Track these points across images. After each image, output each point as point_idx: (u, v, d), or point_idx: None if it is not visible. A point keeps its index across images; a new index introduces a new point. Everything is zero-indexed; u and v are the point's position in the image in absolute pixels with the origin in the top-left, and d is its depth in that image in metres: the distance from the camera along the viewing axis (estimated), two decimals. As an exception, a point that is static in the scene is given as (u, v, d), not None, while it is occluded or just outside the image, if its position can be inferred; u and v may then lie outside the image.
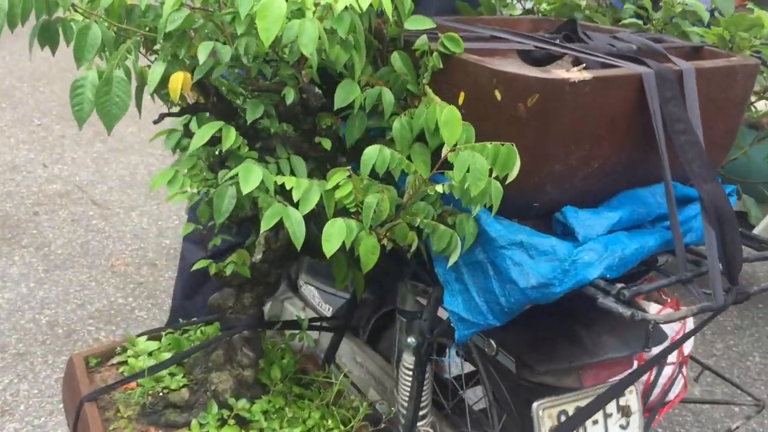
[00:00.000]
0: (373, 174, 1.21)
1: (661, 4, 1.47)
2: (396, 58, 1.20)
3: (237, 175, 1.03)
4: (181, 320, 1.66)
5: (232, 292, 1.42)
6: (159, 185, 1.12)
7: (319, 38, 0.99)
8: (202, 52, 1.00)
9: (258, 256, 1.35)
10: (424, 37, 1.18)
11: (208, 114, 1.17)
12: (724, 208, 1.08)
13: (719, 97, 1.22)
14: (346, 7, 1.02)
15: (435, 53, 1.15)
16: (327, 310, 1.93)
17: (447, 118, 1.01)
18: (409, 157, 1.16)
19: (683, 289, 1.16)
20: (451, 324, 1.22)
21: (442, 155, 1.06)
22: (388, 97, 1.16)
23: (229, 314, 1.41)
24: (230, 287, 1.40)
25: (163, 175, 1.12)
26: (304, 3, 1.01)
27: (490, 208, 1.09)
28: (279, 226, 1.30)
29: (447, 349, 1.62)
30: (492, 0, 1.67)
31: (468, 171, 0.99)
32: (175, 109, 1.22)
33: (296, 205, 1.07)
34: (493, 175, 1.03)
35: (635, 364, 1.36)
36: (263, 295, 1.41)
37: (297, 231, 1.06)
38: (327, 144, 1.19)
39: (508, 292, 1.12)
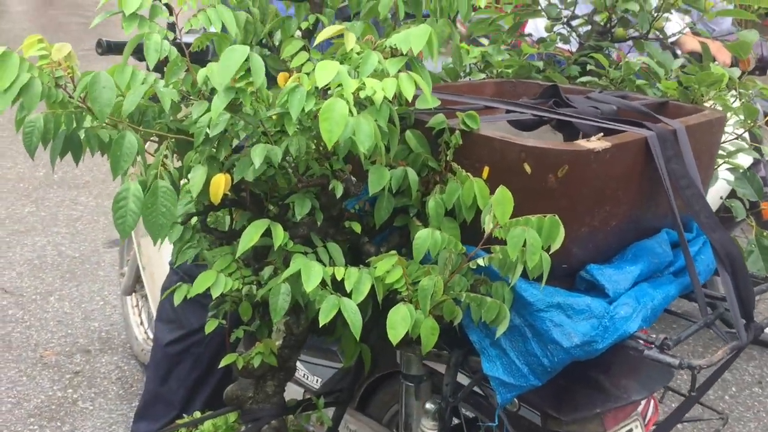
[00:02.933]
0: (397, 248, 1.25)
1: (621, 64, 1.60)
2: (411, 138, 1.25)
3: (291, 271, 1.04)
4: (176, 414, 1.61)
5: (250, 381, 1.39)
6: (200, 290, 1.10)
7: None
8: (257, 157, 1.00)
9: (278, 342, 1.34)
10: (441, 115, 1.23)
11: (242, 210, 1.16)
12: (734, 253, 1.19)
13: (700, 149, 1.35)
14: (384, 98, 1.06)
15: (456, 132, 1.20)
16: (315, 382, 1.91)
17: (499, 198, 1.06)
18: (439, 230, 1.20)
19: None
20: (489, 387, 1.25)
21: (486, 231, 1.11)
22: (413, 177, 1.20)
23: (249, 404, 1.38)
24: (251, 377, 1.37)
25: (204, 279, 1.10)
26: (348, 97, 1.03)
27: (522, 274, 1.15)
28: (300, 310, 1.31)
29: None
30: (455, 65, 1.74)
31: (524, 246, 1.04)
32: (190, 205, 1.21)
33: (347, 294, 1.08)
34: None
35: (644, 401, 1.44)
36: (284, 381, 1.39)
37: (355, 321, 1.07)
38: (357, 227, 1.21)
39: (551, 352, 1.18)
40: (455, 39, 1.62)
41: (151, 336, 2.77)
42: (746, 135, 1.64)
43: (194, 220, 1.27)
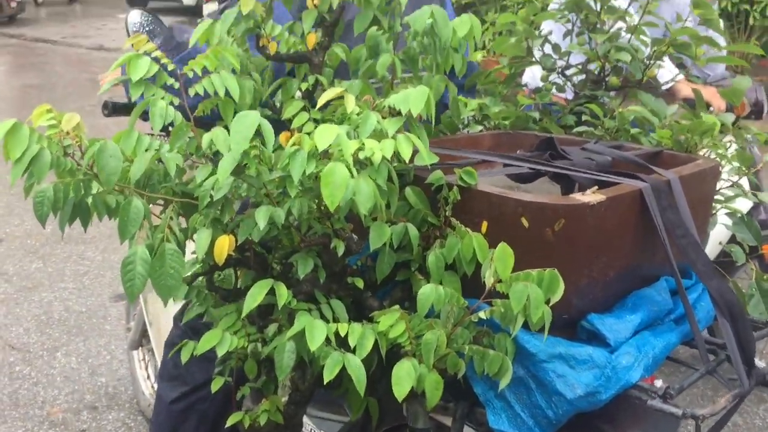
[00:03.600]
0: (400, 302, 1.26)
1: (615, 114, 1.63)
2: (410, 194, 1.28)
3: (296, 330, 1.05)
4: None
5: (256, 438, 1.39)
6: (206, 349, 1.12)
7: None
8: (261, 219, 1.03)
9: (284, 398, 1.35)
10: (439, 172, 1.26)
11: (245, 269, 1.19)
12: (732, 300, 1.21)
13: (695, 198, 1.37)
14: (383, 158, 1.09)
15: (455, 188, 1.23)
16: (322, 436, 1.91)
17: (500, 254, 1.08)
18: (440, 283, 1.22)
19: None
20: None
21: (488, 285, 1.13)
22: (414, 232, 1.22)
23: (256, 463, 1.38)
24: (256, 435, 1.37)
25: (209, 338, 1.12)
26: (347, 159, 1.06)
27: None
28: (305, 366, 1.32)
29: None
30: (452, 118, 1.78)
31: (528, 301, 1.06)
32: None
33: (352, 350, 1.09)
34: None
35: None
36: (291, 437, 1.39)
37: (359, 377, 1.08)
38: (360, 283, 1.23)
39: (555, 404, 1.18)
40: (452, 92, 1.66)
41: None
42: (745, 180, 1.67)
43: (200, 278, 1.29)
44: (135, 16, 2.06)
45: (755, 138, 1.92)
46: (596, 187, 1.20)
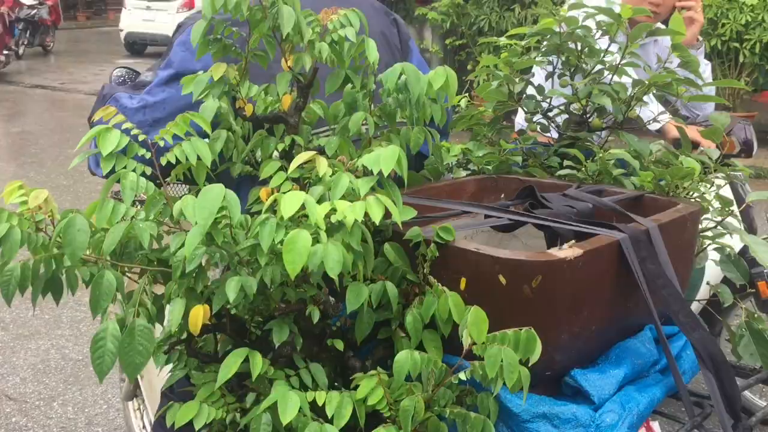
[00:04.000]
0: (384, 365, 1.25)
1: (597, 158, 1.63)
2: (389, 251, 1.27)
3: (269, 402, 1.04)
4: None
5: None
6: (184, 421, 1.10)
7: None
8: (231, 291, 1.02)
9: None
10: (417, 228, 1.25)
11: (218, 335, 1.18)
12: (716, 352, 1.19)
13: (675, 245, 1.36)
14: (356, 220, 1.08)
15: (432, 245, 1.22)
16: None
17: (474, 318, 1.07)
18: (421, 344, 1.21)
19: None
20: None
21: (465, 346, 1.11)
22: (393, 291, 1.21)
23: None
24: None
25: (186, 410, 1.10)
26: (318, 223, 1.06)
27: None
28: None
29: None
30: (436, 164, 1.78)
31: (501, 365, 1.04)
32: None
33: (329, 420, 1.08)
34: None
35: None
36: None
37: (338, 446, 1.06)
38: (340, 345, 1.22)
39: (540, 463, 1.16)
40: (435, 138, 1.66)
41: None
42: (733, 219, 1.65)
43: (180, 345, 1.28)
44: (118, 72, 2.09)
45: (744, 175, 1.91)
46: (573, 241, 1.19)
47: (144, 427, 2.82)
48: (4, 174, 7.11)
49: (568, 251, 1.16)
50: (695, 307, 2.41)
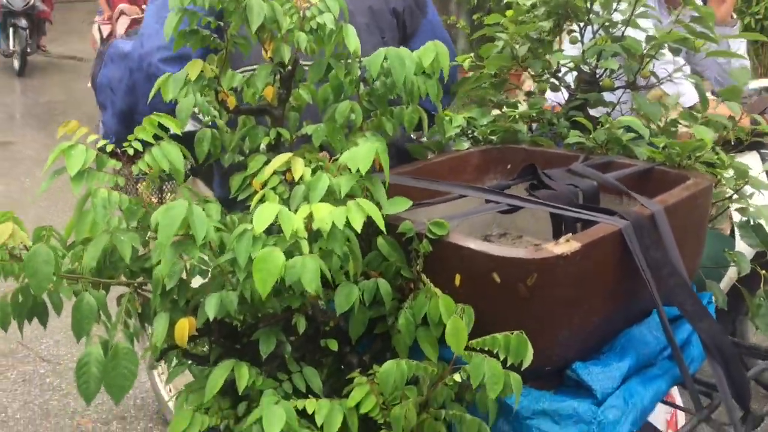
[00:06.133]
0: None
1: (606, 126, 1.55)
2: (383, 245, 1.22)
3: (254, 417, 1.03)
4: None
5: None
6: (179, 431, 1.10)
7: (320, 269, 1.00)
8: (211, 310, 0.99)
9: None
10: (409, 222, 1.21)
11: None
12: (724, 342, 1.14)
13: (685, 224, 1.30)
14: (334, 224, 1.04)
15: (425, 240, 1.18)
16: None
17: (452, 329, 1.04)
18: (415, 342, 1.18)
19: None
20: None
21: (454, 354, 1.08)
22: (386, 287, 1.18)
23: None
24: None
25: (180, 420, 1.10)
26: (297, 233, 1.02)
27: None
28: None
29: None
30: (439, 137, 1.71)
31: (484, 377, 1.01)
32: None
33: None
34: (509, 363, 1.06)
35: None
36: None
37: (330, 456, 1.05)
38: (333, 345, 1.20)
39: (542, 461, 1.14)
40: (438, 110, 1.59)
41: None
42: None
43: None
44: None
45: None
46: (570, 235, 1.13)
47: (171, 390, 2.88)
48: (35, 142, 7.20)
49: (564, 246, 1.11)
50: (726, 282, 2.33)
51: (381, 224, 1.08)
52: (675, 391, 1.70)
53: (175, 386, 2.83)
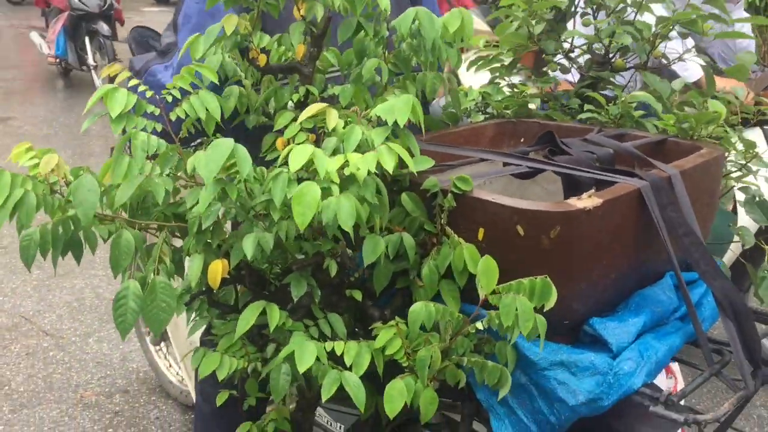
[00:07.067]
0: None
1: (618, 101, 1.59)
2: (407, 201, 1.26)
3: (287, 352, 1.06)
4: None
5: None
6: (207, 372, 1.13)
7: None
8: (249, 248, 1.03)
9: (292, 406, 1.37)
10: (434, 179, 1.24)
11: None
12: (737, 300, 1.18)
13: (699, 189, 1.34)
14: (369, 172, 1.08)
15: (449, 195, 1.21)
16: (339, 428, 1.94)
17: (484, 268, 1.07)
18: (438, 294, 1.22)
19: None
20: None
21: (481, 297, 1.12)
22: (410, 242, 1.21)
23: (269, 467, 1.41)
24: (268, 441, 1.39)
25: (209, 362, 1.13)
26: (330, 175, 1.05)
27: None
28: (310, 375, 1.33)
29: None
30: (455, 110, 1.75)
31: (516, 314, 1.05)
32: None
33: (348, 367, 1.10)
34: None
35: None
36: (301, 442, 1.42)
37: (358, 395, 1.08)
38: (358, 295, 1.23)
39: (558, 410, 1.18)
40: (452, 83, 1.63)
41: (184, 376, 2.83)
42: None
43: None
44: (136, 34, 2.07)
45: None
46: (593, 190, 1.17)
47: (170, 365, 2.91)
48: (35, 118, 7.19)
49: (587, 201, 1.15)
50: (729, 257, 2.37)
51: (413, 168, 1.11)
52: (675, 366, 1.74)
53: (174, 358, 2.86)
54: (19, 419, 2.83)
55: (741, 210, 1.94)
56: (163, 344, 2.92)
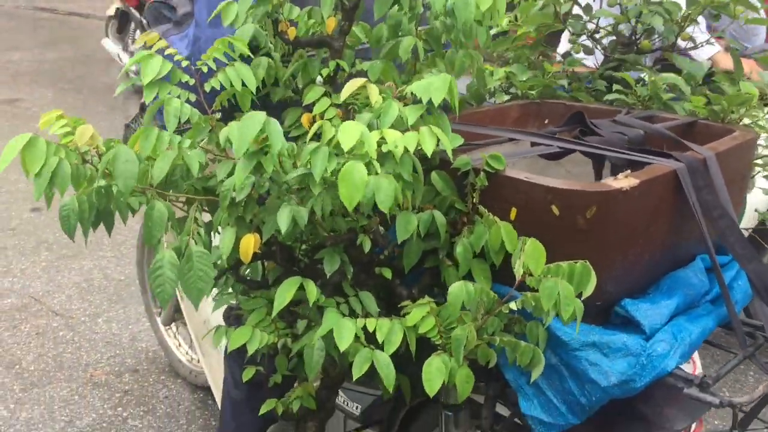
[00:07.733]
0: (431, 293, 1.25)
1: (647, 82, 1.57)
2: (437, 180, 1.24)
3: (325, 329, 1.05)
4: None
5: (291, 422, 1.41)
6: (238, 345, 1.12)
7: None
8: (284, 222, 1.01)
9: (316, 383, 1.36)
10: (465, 157, 1.23)
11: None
12: (771, 283, 1.17)
13: (732, 173, 1.32)
14: (406, 150, 1.06)
15: (482, 174, 1.20)
16: (355, 408, 1.93)
17: (530, 250, 1.05)
18: (469, 273, 1.20)
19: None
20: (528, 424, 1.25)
21: (517, 277, 1.10)
22: (441, 220, 1.20)
23: (291, 444, 1.40)
24: (291, 420, 1.39)
25: (239, 335, 1.12)
26: (371, 153, 1.04)
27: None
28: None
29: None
30: (479, 88, 1.73)
31: (558, 297, 1.03)
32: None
33: (380, 346, 1.09)
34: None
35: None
36: (324, 420, 1.41)
37: (388, 374, 1.08)
38: (388, 273, 1.22)
39: (589, 391, 1.17)
40: (478, 62, 1.61)
41: (194, 356, 2.82)
42: None
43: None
44: (152, 7, 2.04)
45: None
46: (629, 171, 1.16)
47: (180, 345, 2.91)
48: (43, 99, 7.15)
49: (624, 181, 1.13)
50: None
51: (448, 147, 1.10)
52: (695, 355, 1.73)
53: (184, 337, 2.86)
54: (30, 398, 2.84)
55: (756, 194, 1.92)
56: (173, 324, 2.91)
